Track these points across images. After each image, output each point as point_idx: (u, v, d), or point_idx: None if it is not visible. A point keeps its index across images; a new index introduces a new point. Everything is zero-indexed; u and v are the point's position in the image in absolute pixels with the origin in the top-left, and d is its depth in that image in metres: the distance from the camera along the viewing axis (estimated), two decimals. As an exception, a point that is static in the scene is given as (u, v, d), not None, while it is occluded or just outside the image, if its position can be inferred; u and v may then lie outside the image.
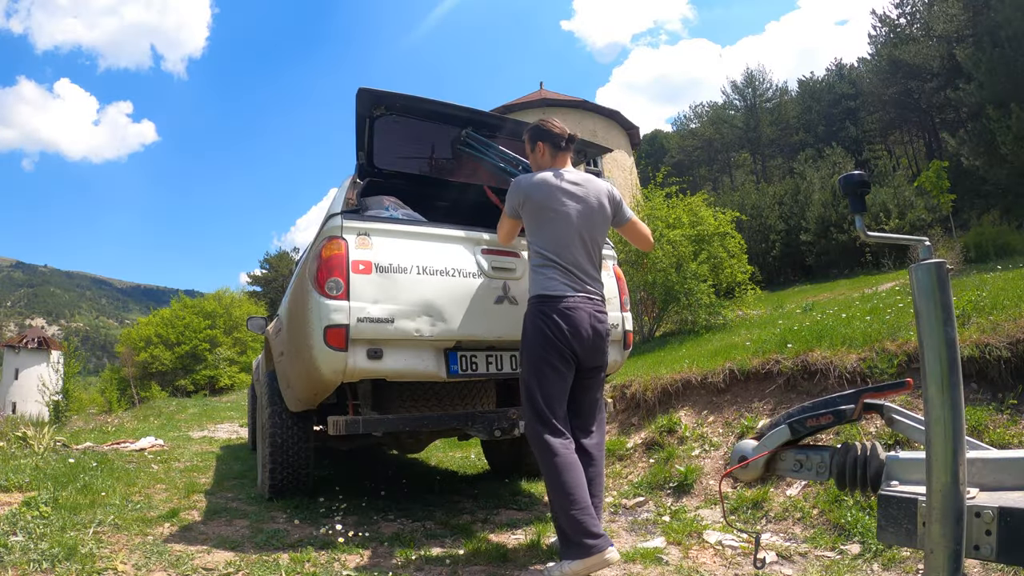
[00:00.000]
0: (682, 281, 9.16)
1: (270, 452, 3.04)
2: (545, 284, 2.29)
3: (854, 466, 1.46)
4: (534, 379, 2.23)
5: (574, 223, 2.33)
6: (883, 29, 34.48)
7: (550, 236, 2.32)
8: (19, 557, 1.98)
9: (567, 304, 2.25)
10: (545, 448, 2.15)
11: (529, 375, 2.25)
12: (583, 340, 2.26)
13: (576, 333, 2.24)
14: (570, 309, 2.25)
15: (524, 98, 21.60)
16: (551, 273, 2.29)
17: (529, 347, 2.27)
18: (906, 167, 32.35)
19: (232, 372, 25.94)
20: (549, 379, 2.22)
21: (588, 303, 2.31)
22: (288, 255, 41.12)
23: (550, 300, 2.26)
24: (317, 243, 2.61)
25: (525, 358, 2.29)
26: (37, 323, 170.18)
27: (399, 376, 2.58)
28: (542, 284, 2.30)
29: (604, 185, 2.49)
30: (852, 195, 1.38)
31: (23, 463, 3.62)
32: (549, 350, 2.22)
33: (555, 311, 2.23)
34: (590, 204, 2.38)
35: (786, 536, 2.56)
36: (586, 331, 2.26)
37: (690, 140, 46.97)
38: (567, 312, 2.24)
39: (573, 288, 2.29)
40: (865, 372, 3.17)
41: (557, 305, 2.24)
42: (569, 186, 2.36)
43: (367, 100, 2.70)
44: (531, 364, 2.25)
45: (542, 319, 2.25)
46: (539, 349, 2.24)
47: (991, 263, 12.11)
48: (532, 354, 2.26)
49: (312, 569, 2.14)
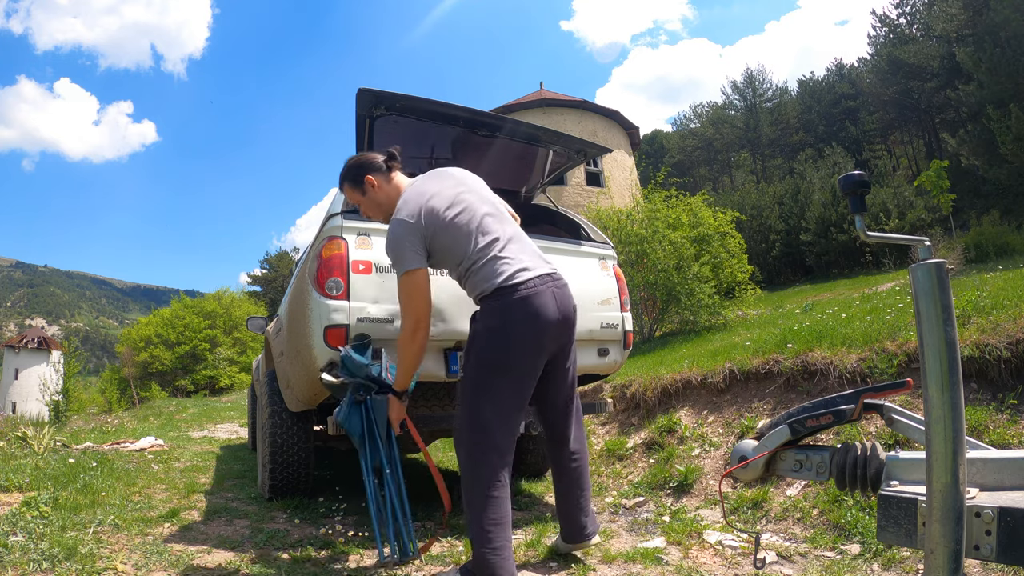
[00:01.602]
0: (683, 281, 9.17)
1: (270, 452, 3.04)
2: (493, 276, 1.96)
3: (854, 466, 1.46)
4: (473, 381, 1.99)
5: (476, 205, 2.07)
6: (883, 29, 34.49)
7: (465, 235, 2.01)
8: (19, 557, 1.98)
9: (526, 290, 1.94)
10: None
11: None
12: (551, 327, 1.99)
13: (540, 322, 1.95)
14: (528, 296, 1.94)
15: (524, 98, 21.58)
16: (494, 258, 1.99)
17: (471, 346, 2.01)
18: (906, 167, 32.37)
19: (232, 372, 25.95)
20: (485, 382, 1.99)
21: (544, 283, 1.99)
22: (288, 255, 41.12)
23: (509, 290, 1.94)
24: (317, 243, 2.61)
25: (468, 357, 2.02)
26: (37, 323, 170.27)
27: (399, 376, 2.57)
28: (486, 278, 1.98)
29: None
30: (852, 195, 1.38)
31: (23, 463, 3.62)
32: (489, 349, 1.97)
33: (511, 304, 1.95)
34: (466, 182, 2.16)
35: (786, 536, 2.56)
36: (554, 315, 1.97)
37: (690, 140, 46.98)
38: (525, 300, 1.93)
39: (526, 273, 1.97)
40: (865, 372, 3.17)
41: (518, 293, 1.94)
42: (438, 184, 2.08)
43: (367, 100, 2.70)
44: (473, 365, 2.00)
45: (491, 317, 1.96)
46: (481, 349, 1.98)
47: (991, 263, 12.12)
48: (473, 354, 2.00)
49: (312, 569, 2.15)
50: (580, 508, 2.24)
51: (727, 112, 43.95)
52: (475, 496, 1.92)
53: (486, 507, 1.90)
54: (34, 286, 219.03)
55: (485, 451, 1.94)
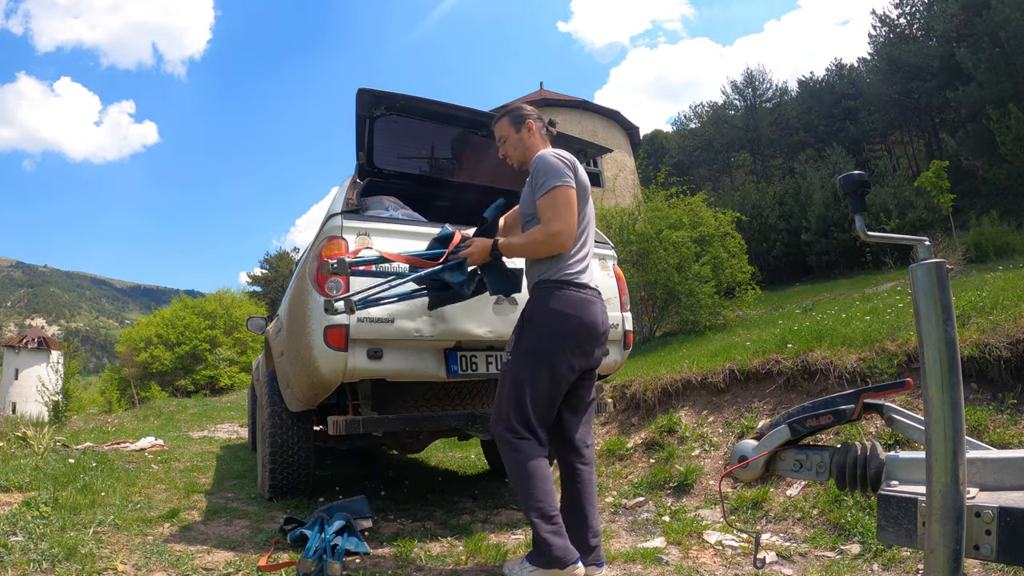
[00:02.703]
0: (684, 281, 9.18)
1: (270, 452, 3.04)
2: (567, 268, 2.08)
3: (854, 466, 1.46)
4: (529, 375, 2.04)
5: (590, 212, 2.21)
6: (883, 29, 34.48)
7: (579, 219, 2.13)
8: (19, 557, 1.98)
9: (590, 295, 2.10)
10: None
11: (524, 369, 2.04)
12: (599, 338, 2.13)
13: (595, 330, 2.09)
14: (590, 301, 2.09)
15: (524, 98, 21.58)
16: (576, 258, 2.11)
17: (540, 337, 2.05)
18: (906, 167, 32.36)
19: (232, 372, 25.92)
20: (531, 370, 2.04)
21: (599, 297, 2.16)
22: (288, 255, 41.11)
23: (575, 287, 2.07)
24: (317, 243, 2.61)
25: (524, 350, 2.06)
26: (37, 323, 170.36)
27: (399, 376, 2.58)
28: (562, 268, 2.09)
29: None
30: (852, 195, 1.38)
31: (23, 463, 3.62)
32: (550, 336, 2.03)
33: (578, 300, 2.06)
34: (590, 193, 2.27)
35: (786, 536, 2.56)
36: (602, 327, 2.13)
37: (690, 140, 46.95)
38: (589, 303, 2.08)
39: (590, 279, 2.14)
40: (865, 372, 3.17)
41: (581, 293, 2.07)
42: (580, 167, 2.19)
43: (367, 100, 2.70)
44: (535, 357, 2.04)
45: (562, 306, 2.04)
46: (548, 341, 2.03)
47: (991, 263, 12.12)
48: (532, 339, 2.05)
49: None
50: (590, 528, 2.10)
51: (727, 112, 43.91)
52: (524, 479, 1.97)
53: (536, 488, 1.96)
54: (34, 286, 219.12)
55: (526, 434, 2.01)
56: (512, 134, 2.30)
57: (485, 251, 2.18)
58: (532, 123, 2.27)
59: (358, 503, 2.74)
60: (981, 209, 22.16)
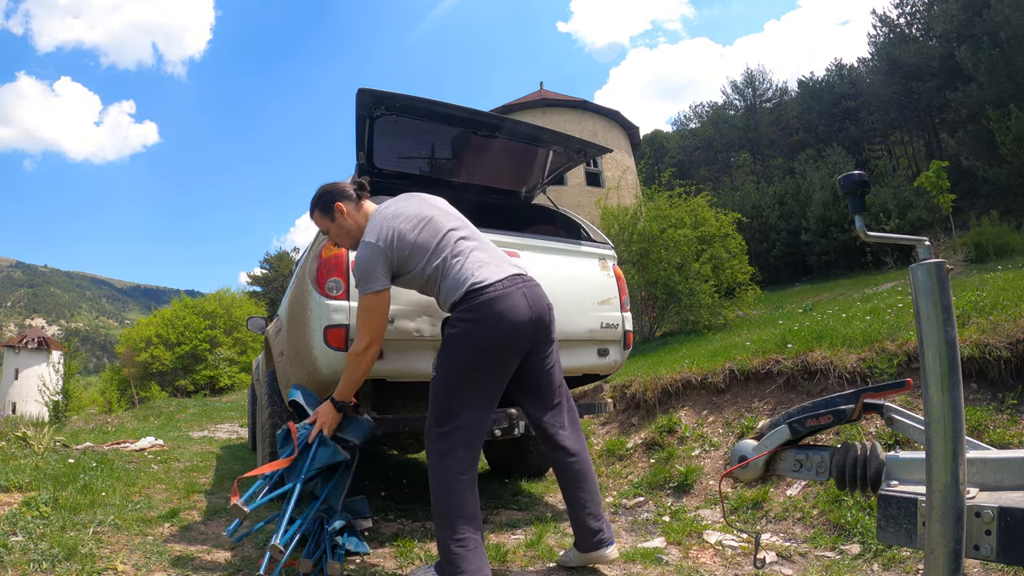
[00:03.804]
0: (684, 281, 9.19)
1: (270, 452, 3.04)
2: (466, 281, 2.00)
3: (854, 466, 1.46)
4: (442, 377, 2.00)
5: (441, 221, 2.13)
6: (883, 29, 34.48)
7: (432, 250, 2.06)
8: (19, 557, 1.98)
9: (498, 290, 1.98)
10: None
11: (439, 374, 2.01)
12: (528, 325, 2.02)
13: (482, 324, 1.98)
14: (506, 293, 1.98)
15: (524, 98, 21.58)
16: (453, 277, 2.03)
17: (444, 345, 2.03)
18: (906, 167, 32.37)
19: (232, 372, 25.93)
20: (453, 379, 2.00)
21: (520, 284, 2.04)
22: (288, 255, 41.12)
23: (467, 296, 1.98)
24: (317, 243, 2.61)
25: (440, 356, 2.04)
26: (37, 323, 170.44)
27: (399, 376, 2.58)
28: (455, 286, 2.01)
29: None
30: (852, 195, 1.38)
31: (23, 463, 3.62)
32: (464, 346, 1.98)
33: (474, 304, 1.97)
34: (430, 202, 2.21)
35: (786, 536, 2.56)
36: (530, 313, 2.02)
37: (690, 140, 46.96)
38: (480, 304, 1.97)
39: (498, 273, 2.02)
40: (865, 372, 3.17)
41: (475, 299, 1.97)
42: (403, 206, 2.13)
43: (367, 100, 2.70)
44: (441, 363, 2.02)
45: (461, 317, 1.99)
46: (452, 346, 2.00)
47: (991, 263, 12.13)
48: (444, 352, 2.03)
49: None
50: (588, 512, 2.13)
51: (727, 112, 43.92)
52: (441, 491, 1.92)
53: (452, 501, 1.89)
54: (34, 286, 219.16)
55: (453, 446, 1.93)
56: (330, 224, 2.21)
57: (331, 412, 2.16)
58: (341, 204, 2.17)
59: (358, 503, 2.74)
60: (981, 209, 22.16)
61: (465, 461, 1.94)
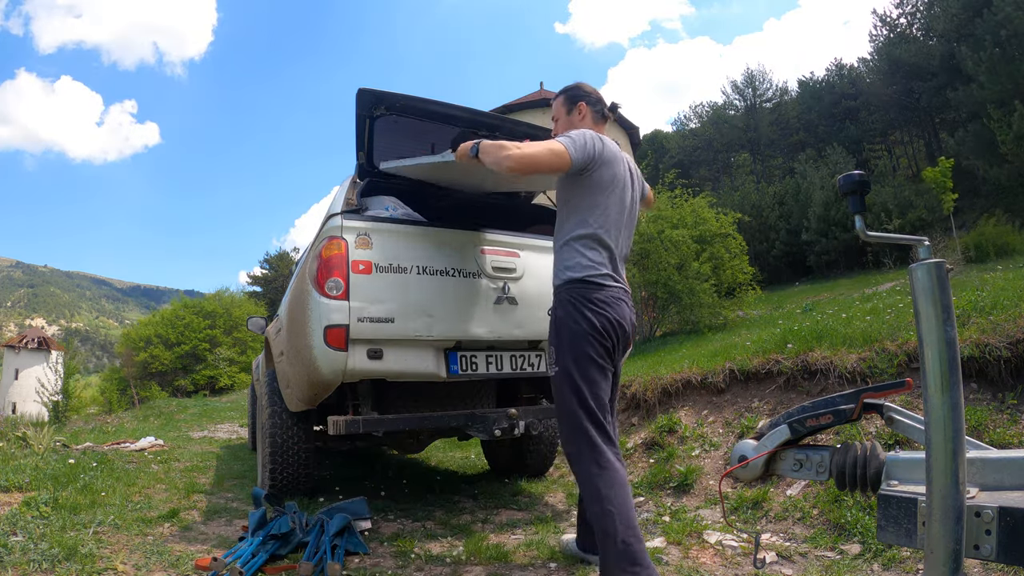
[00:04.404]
0: (684, 280, 9.19)
1: (270, 452, 3.04)
2: (587, 267, 1.99)
3: (854, 466, 1.46)
4: (582, 379, 1.92)
5: (627, 205, 2.11)
6: (883, 29, 34.48)
7: (603, 212, 2.02)
8: (19, 557, 1.98)
9: (612, 294, 2.00)
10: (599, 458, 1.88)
11: (574, 373, 1.93)
12: (625, 337, 2.03)
13: (620, 328, 1.99)
14: (616, 300, 2.00)
15: (524, 98, 21.58)
16: (596, 256, 2.01)
17: (571, 341, 1.95)
18: (906, 167, 32.37)
19: (232, 372, 25.92)
20: (596, 379, 1.94)
21: (627, 296, 2.08)
22: (288, 255, 41.10)
23: (594, 288, 1.98)
24: (317, 243, 2.61)
25: (565, 354, 1.96)
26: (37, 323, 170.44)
27: (399, 376, 2.58)
28: (583, 266, 1.99)
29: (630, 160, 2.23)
30: (852, 195, 1.38)
31: (23, 463, 3.62)
32: (594, 344, 1.94)
33: (600, 300, 1.97)
34: (635, 187, 2.17)
35: (786, 536, 2.56)
36: (628, 327, 2.04)
37: (690, 140, 46.96)
38: (612, 303, 1.99)
39: (615, 278, 2.03)
40: (865, 372, 3.17)
41: (600, 294, 1.98)
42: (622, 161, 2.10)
43: (367, 100, 2.70)
44: (575, 361, 1.94)
45: (588, 307, 1.95)
46: (583, 343, 1.94)
47: (991, 263, 12.13)
48: (575, 349, 1.94)
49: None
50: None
51: (727, 112, 43.92)
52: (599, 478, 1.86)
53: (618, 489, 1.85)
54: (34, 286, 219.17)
55: (598, 441, 1.90)
56: (563, 115, 2.24)
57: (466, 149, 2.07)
58: (584, 106, 2.20)
59: (357, 504, 2.74)
60: (981, 209, 22.17)
61: (608, 447, 1.95)
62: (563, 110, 2.24)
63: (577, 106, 2.21)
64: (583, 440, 1.91)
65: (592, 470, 1.87)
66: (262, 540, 2.26)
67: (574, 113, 2.21)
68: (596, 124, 2.21)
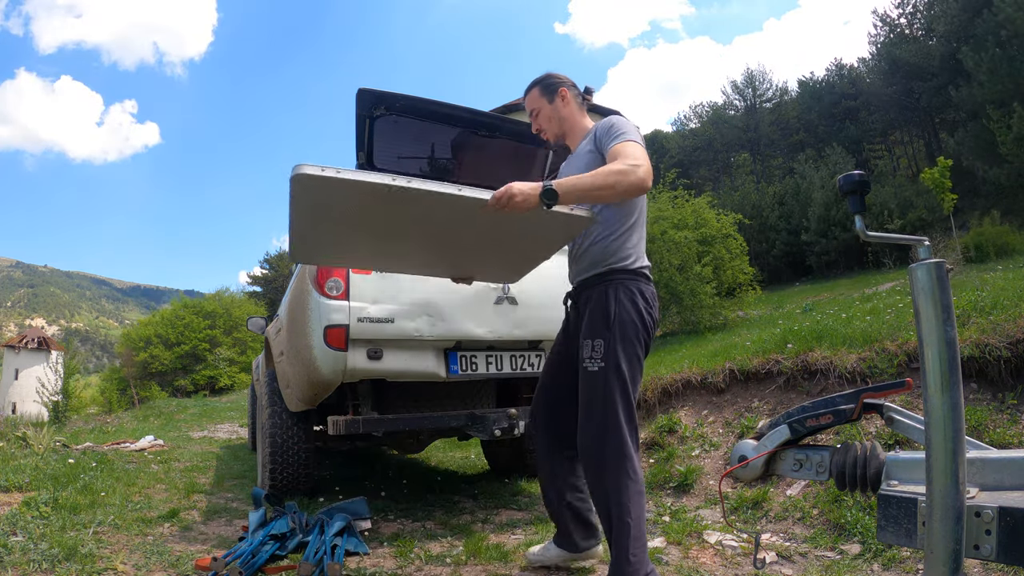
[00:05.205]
0: (685, 281, 9.20)
1: (270, 452, 3.04)
2: (642, 258, 1.89)
3: (854, 466, 1.46)
4: (630, 379, 1.79)
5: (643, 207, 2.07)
6: (883, 29, 34.48)
7: (642, 209, 1.94)
8: (19, 557, 1.98)
9: (654, 291, 1.92)
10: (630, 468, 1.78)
11: (624, 371, 1.79)
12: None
13: (654, 330, 1.91)
14: (656, 298, 1.92)
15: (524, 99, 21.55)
16: (642, 246, 1.91)
17: (626, 336, 1.80)
18: (906, 167, 32.37)
19: (232, 372, 25.94)
20: (638, 381, 1.83)
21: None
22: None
23: (646, 281, 1.88)
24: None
25: (619, 346, 1.79)
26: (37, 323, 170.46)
27: (399, 376, 2.58)
28: (639, 256, 1.89)
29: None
30: (852, 195, 1.38)
31: (23, 463, 3.62)
32: (644, 344, 1.84)
33: (652, 296, 1.89)
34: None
35: (786, 536, 2.56)
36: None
37: (690, 140, 46.94)
38: (655, 301, 1.90)
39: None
40: (865, 372, 3.17)
41: (652, 288, 1.90)
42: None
43: (367, 100, 2.70)
44: (627, 359, 1.79)
45: (643, 300, 1.84)
46: (636, 341, 1.81)
47: (991, 263, 12.13)
48: (629, 347, 1.80)
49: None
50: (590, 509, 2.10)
51: (727, 112, 43.91)
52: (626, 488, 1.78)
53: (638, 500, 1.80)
54: (34, 286, 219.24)
55: (631, 449, 1.81)
56: (545, 105, 2.10)
57: (533, 197, 1.60)
58: (566, 91, 2.08)
59: (357, 504, 2.74)
60: (982, 209, 22.17)
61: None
62: (543, 100, 2.10)
63: (559, 93, 2.08)
64: (618, 444, 1.79)
65: (624, 481, 1.78)
66: (262, 540, 2.26)
67: (557, 100, 2.08)
68: (580, 109, 2.12)
